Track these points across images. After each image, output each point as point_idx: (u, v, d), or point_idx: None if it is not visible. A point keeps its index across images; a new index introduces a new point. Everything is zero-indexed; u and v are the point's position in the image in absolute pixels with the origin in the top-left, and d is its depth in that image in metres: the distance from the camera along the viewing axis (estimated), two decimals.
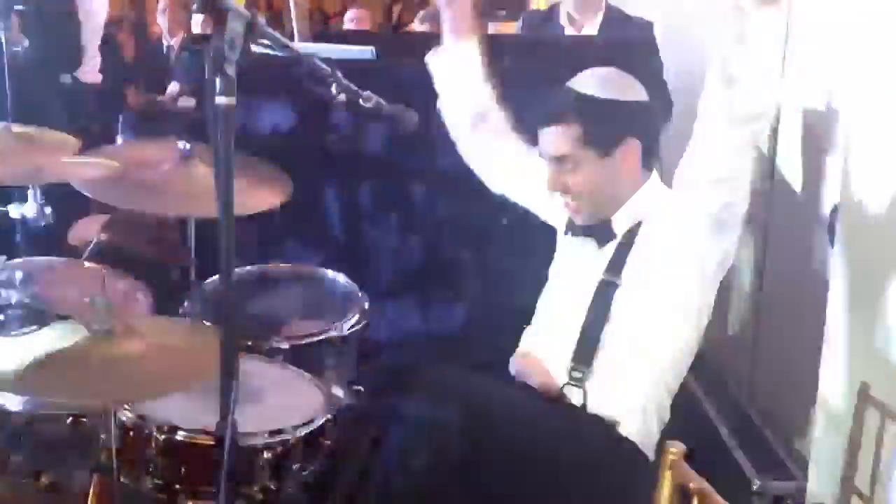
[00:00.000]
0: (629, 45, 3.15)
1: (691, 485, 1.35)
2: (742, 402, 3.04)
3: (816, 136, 2.88)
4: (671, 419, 2.03)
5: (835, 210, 2.43)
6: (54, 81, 4.20)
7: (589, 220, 2.03)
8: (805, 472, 2.40)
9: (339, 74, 1.61)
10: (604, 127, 1.93)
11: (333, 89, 1.62)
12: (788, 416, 2.78)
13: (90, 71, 4.50)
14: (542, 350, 2.06)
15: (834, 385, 2.20)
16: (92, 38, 4.47)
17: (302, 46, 2.43)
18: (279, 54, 1.52)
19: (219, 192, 1.35)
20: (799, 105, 3.02)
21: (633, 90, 1.99)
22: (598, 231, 2.03)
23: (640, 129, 1.97)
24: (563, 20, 3.41)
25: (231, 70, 1.29)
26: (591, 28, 3.37)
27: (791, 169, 3.05)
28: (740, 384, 3.16)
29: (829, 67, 2.79)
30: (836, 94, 2.75)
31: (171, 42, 5.55)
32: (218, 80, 1.29)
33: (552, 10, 3.52)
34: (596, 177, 1.95)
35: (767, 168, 3.17)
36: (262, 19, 1.36)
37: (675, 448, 1.42)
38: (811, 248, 2.79)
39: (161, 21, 5.64)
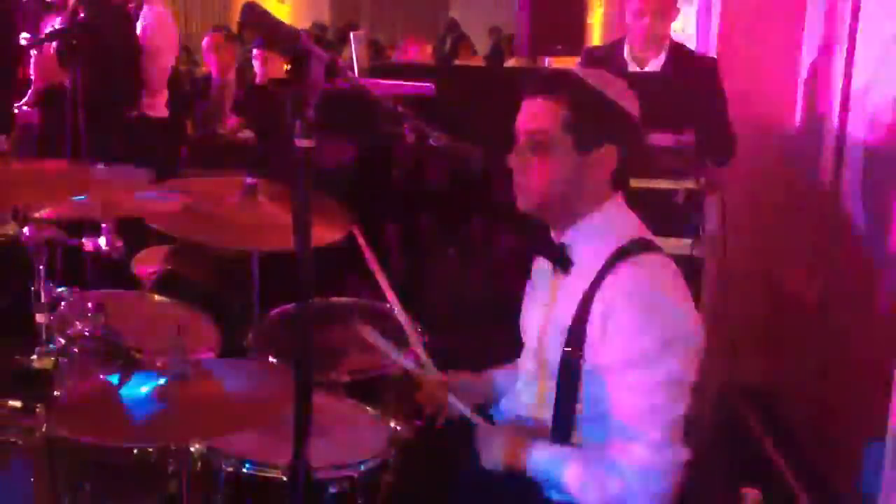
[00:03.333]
0: (692, 82, 3.13)
1: None
2: (807, 441, 2.98)
3: (880, 170, 2.84)
4: (732, 460, 1.97)
5: None
6: (120, 117, 4.31)
7: (532, 208, 1.84)
8: None
9: (411, 115, 1.63)
10: (593, 120, 1.77)
11: (405, 129, 1.64)
12: (856, 456, 2.71)
13: (157, 105, 4.63)
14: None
15: None
16: (160, 75, 4.60)
17: (370, 84, 2.46)
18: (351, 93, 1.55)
19: (296, 231, 1.38)
20: (862, 139, 2.98)
21: (629, 101, 1.83)
22: (551, 250, 1.86)
23: (623, 139, 1.80)
24: (627, 56, 3.39)
25: (311, 113, 1.32)
26: (655, 64, 3.34)
27: (855, 203, 3.01)
28: (805, 425, 3.10)
29: (894, 100, 2.76)
30: None
31: (225, 79, 5.68)
32: (298, 124, 1.32)
33: (615, 46, 3.50)
34: (563, 168, 1.77)
35: (832, 202, 3.14)
36: (341, 61, 1.38)
37: (752, 496, 1.39)
38: (878, 282, 2.74)
39: (209, 59, 5.82)
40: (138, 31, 4.52)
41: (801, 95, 3.58)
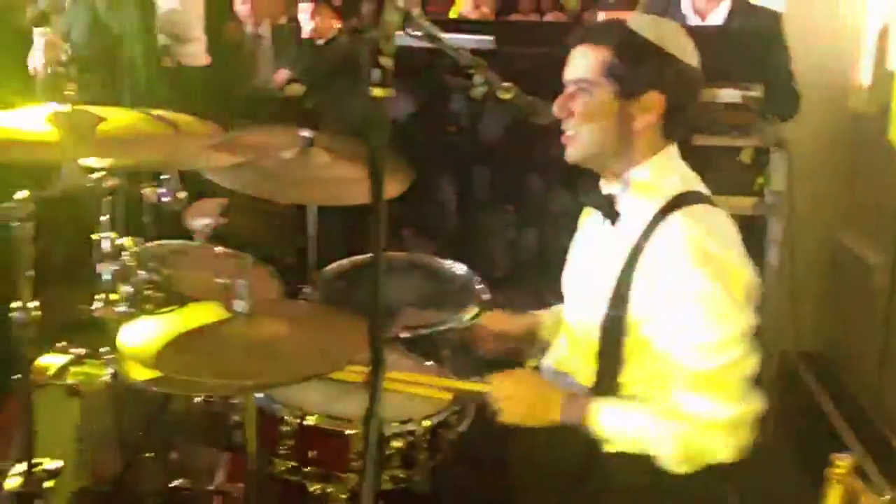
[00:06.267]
0: (755, 35, 3.03)
1: (863, 500, 1.28)
2: (869, 409, 2.92)
3: None
4: (793, 426, 1.93)
5: None
6: (156, 66, 4.23)
7: (579, 159, 1.82)
8: None
9: (485, 64, 1.59)
10: (635, 66, 1.74)
11: (475, 80, 1.61)
12: None
13: (196, 54, 4.53)
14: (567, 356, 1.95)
15: None
16: (195, 21, 4.50)
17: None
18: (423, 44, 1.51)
19: (372, 182, 1.36)
20: None
21: (679, 46, 1.77)
22: (598, 200, 1.84)
23: (669, 85, 1.75)
24: (687, 9, 3.30)
25: (387, 62, 1.29)
26: (717, 17, 3.25)
27: None
28: (867, 391, 3.03)
29: None
30: None
31: (259, 31, 5.54)
32: (374, 72, 1.29)
33: None
34: (606, 112, 1.75)
35: None
36: (416, 10, 1.35)
37: (845, 461, 1.34)
38: None
39: (241, 8, 5.50)
40: None
41: (868, 50, 3.45)
